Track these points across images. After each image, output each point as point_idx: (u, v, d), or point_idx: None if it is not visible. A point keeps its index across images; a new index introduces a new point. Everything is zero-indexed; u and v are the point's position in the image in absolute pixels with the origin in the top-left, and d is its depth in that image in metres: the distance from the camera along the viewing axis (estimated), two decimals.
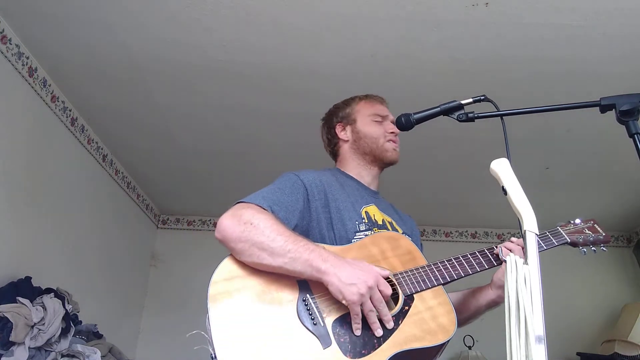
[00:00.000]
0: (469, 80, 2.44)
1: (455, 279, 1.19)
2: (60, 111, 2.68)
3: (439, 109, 1.19)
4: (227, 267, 1.07)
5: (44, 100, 2.54)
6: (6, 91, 2.26)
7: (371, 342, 1.01)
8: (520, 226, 0.86)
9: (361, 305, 1.01)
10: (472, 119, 1.15)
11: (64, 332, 2.18)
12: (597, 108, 1.04)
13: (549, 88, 2.47)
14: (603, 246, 1.39)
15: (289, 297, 1.04)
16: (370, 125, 1.50)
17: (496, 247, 1.27)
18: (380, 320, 1.03)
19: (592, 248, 1.37)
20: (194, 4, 2.06)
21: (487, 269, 1.25)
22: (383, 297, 1.03)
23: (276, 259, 1.04)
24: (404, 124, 1.23)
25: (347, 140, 1.52)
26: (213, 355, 0.94)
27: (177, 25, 2.18)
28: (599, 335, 3.84)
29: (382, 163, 1.50)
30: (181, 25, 2.18)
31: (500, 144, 1.05)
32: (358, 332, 1.01)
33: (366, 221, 1.31)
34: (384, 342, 1.01)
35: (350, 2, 2.04)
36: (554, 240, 1.31)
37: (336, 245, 1.22)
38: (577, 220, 1.40)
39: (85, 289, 2.84)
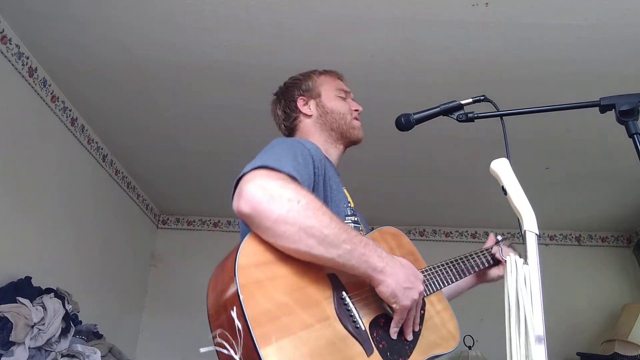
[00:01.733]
0: (469, 80, 2.43)
1: (454, 281, 1.22)
2: (60, 111, 2.69)
3: (438, 109, 1.19)
4: (253, 249, 0.85)
5: (44, 100, 2.54)
6: (6, 91, 2.26)
7: (404, 349, 0.97)
8: (520, 226, 0.86)
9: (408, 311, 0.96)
10: (472, 119, 1.15)
11: (64, 332, 2.18)
12: (597, 108, 1.04)
13: (549, 88, 2.47)
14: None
15: (324, 294, 0.90)
16: (336, 100, 1.41)
17: (490, 250, 1.33)
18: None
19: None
20: (194, 5, 2.06)
21: (481, 269, 1.33)
22: None
23: (329, 250, 0.86)
24: (404, 124, 1.23)
25: (311, 115, 1.40)
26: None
27: (176, 25, 2.18)
28: (599, 335, 3.84)
29: (348, 141, 1.40)
30: (181, 26, 2.18)
31: (500, 144, 1.05)
32: (395, 336, 0.96)
33: (349, 205, 1.24)
34: (413, 348, 0.99)
35: (350, 3, 2.04)
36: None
37: None
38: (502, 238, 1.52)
39: (85, 289, 2.84)
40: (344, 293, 0.92)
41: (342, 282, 0.93)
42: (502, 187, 0.92)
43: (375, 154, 3.22)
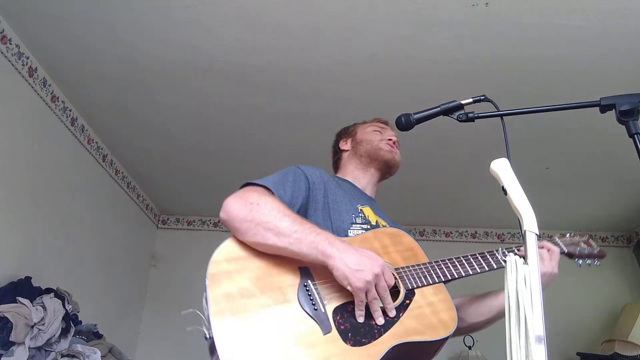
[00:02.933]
0: (469, 80, 2.44)
1: (456, 278, 1.20)
2: (60, 111, 2.69)
3: (439, 109, 1.19)
4: (228, 248, 1.05)
5: (44, 100, 2.54)
6: (6, 91, 2.26)
7: (372, 332, 1.00)
8: (520, 226, 0.86)
9: (366, 292, 1.00)
10: (472, 119, 1.15)
11: (64, 332, 2.18)
12: (597, 108, 1.04)
13: (549, 88, 2.47)
14: (597, 261, 1.42)
15: (290, 282, 1.02)
16: (368, 133, 1.58)
17: (499, 251, 1.27)
18: (382, 310, 1.03)
19: (587, 261, 1.41)
20: (194, 5, 2.06)
21: (487, 270, 1.24)
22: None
23: (282, 239, 1.02)
24: (404, 124, 1.23)
25: (347, 150, 1.60)
26: (207, 336, 0.92)
27: (177, 25, 2.18)
28: (599, 335, 3.84)
29: (377, 164, 1.52)
30: (181, 25, 2.18)
31: (500, 144, 1.05)
32: (361, 319, 1.00)
33: (362, 216, 1.33)
34: (384, 332, 1.00)
35: (350, 2, 2.04)
36: (563, 248, 1.37)
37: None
38: (572, 233, 1.46)
39: (85, 289, 2.84)
40: (309, 281, 1.04)
41: (311, 273, 1.06)
42: (502, 187, 0.91)
43: None
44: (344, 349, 0.95)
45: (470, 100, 1.18)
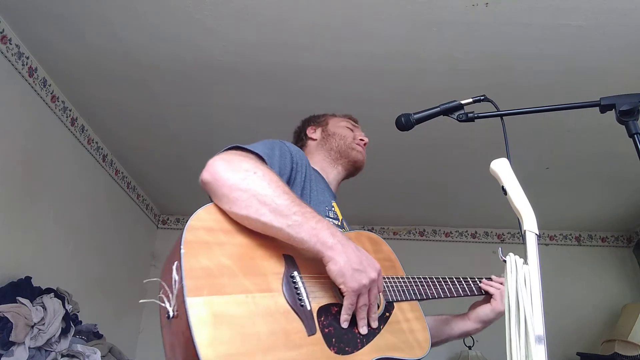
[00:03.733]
0: (469, 80, 2.44)
1: (431, 298, 1.19)
2: (60, 111, 2.69)
3: (438, 109, 1.19)
4: (210, 215, 0.91)
5: (44, 100, 2.54)
6: (6, 91, 2.26)
7: (354, 341, 0.93)
8: (520, 226, 0.86)
9: (357, 296, 0.92)
10: (472, 119, 1.15)
11: (64, 332, 2.18)
12: (597, 108, 1.04)
13: (549, 88, 2.47)
14: None
15: (274, 269, 0.90)
16: (342, 128, 1.54)
17: (479, 280, 1.31)
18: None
19: None
20: (194, 4, 2.06)
21: (462, 296, 1.27)
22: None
23: (278, 218, 0.88)
24: (404, 124, 1.23)
25: (315, 139, 1.54)
26: (171, 314, 0.77)
27: (177, 24, 2.18)
28: (599, 335, 3.84)
29: (346, 162, 1.49)
30: (181, 25, 2.18)
31: (500, 144, 1.05)
32: (345, 325, 0.92)
33: (333, 211, 1.28)
34: (366, 343, 0.95)
35: (350, 2, 2.04)
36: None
37: None
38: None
39: (85, 288, 2.84)
40: (295, 273, 0.92)
41: (297, 263, 0.94)
42: (502, 187, 0.91)
43: (375, 154, 3.22)
44: (328, 355, 0.87)
45: (470, 100, 1.18)
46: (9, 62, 2.25)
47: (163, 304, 0.78)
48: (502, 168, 0.93)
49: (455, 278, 1.28)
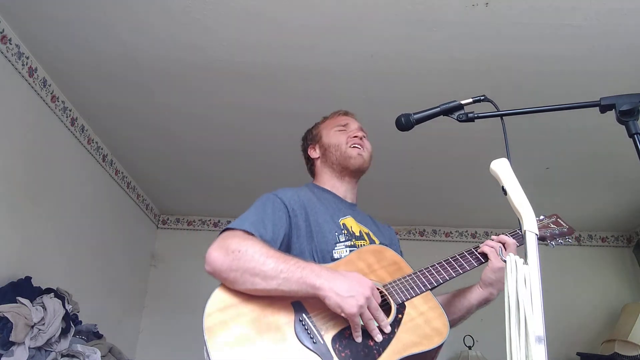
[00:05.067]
0: (469, 80, 2.43)
1: (441, 283, 1.23)
2: (60, 111, 2.68)
3: (439, 109, 1.19)
4: (219, 297, 1.06)
5: (44, 100, 2.54)
6: (6, 91, 2.26)
7: (371, 353, 1.02)
8: (520, 226, 0.86)
9: (360, 315, 1.02)
10: (472, 119, 1.15)
11: (64, 332, 2.18)
12: (597, 108, 1.04)
13: (549, 88, 2.47)
14: (569, 238, 1.44)
15: (285, 320, 1.04)
16: (333, 135, 1.54)
17: (479, 247, 1.31)
18: (379, 327, 1.06)
19: (560, 241, 1.42)
20: (194, 4, 2.06)
21: (469, 270, 1.28)
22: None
23: (269, 282, 1.04)
24: (404, 124, 1.23)
25: (318, 157, 1.56)
26: None
27: (177, 24, 2.18)
28: (599, 335, 3.84)
29: (349, 171, 1.50)
30: (181, 25, 2.18)
31: (500, 144, 1.05)
32: (359, 339, 1.03)
33: (345, 232, 1.33)
34: (383, 350, 1.03)
35: (350, 2, 2.04)
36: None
37: (317, 257, 1.25)
38: (541, 217, 1.46)
39: (85, 289, 2.83)
40: (303, 315, 1.06)
41: (304, 306, 1.07)
42: (502, 187, 0.91)
43: (375, 154, 3.22)
44: None
45: (470, 100, 1.18)
46: (9, 62, 2.25)
47: None
48: (502, 168, 0.93)
49: (458, 254, 1.30)
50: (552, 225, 1.46)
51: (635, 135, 0.96)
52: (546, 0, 1.99)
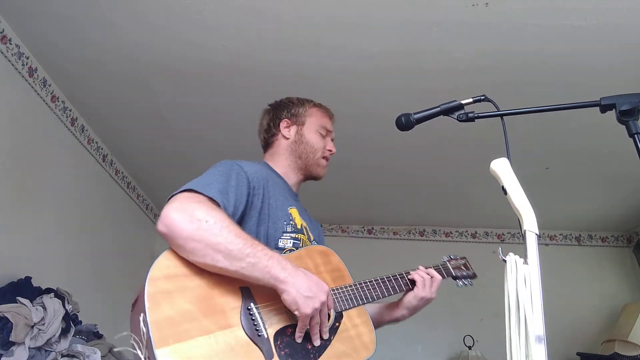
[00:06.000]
0: (469, 80, 2.43)
1: (377, 299, 1.29)
2: (60, 111, 2.68)
3: (439, 109, 1.18)
4: (166, 263, 0.98)
5: (44, 100, 2.54)
6: (6, 91, 2.26)
7: (308, 356, 1.04)
8: (520, 226, 0.86)
9: (310, 318, 1.03)
10: (472, 119, 1.15)
11: (64, 332, 2.18)
12: (597, 108, 1.04)
13: (549, 88, 2.47)
14: (471, 281, 1.58)
15: (232, 305, 1.00)
16: (315, 134, 1.49)
17: (409, 273, 1.40)
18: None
19: (465, 282, 1.55)
20: (194, 4, 2.06)
21: (398, 292, 1.37)
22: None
23: (233, 263, 0.98)
24: (404, 124, 1.23)
25: (288, 139, 1.49)
26: None
27: (178, 23, 2.18)
28: (599, 335, 3.84)
29: (308, 173, 1.49)
30: (182, 24, 2.18)
31: (501, 143, 1.05)
32: (299, 340, 1.04)
33: (293, 224, 1.33)
34: (319, 356, 1.06)
35: (350, 2, 2.04)
36: (444, 273, 1.49)
37: (262, 241, 1.19)
38: (452, 256, 1.60)
39: (85, 289, 2.83)
40: (252, 304, 1.02)
41: (252, 294, 1.04)
42: (502, 187, 0.91)
43: (375, 154, 3.22)
44: None
45: (471, 100, 1.17)
46: (9, 62, 2.25)
47: (135, 351, 0.88)
48: (502, 168, 0.93)
49: (392, 275, 1.36)
50: (462, 268, 1.57)
51: (636, 135, 0.96)
52: (546, 0, 1.99)
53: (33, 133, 2.47)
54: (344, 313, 1.18)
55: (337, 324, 1.14)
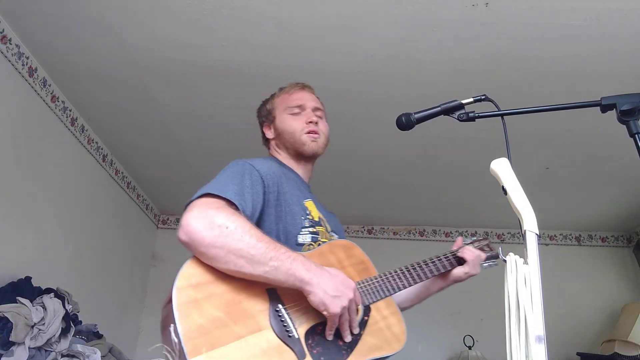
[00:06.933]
0: (469, 80, 2.43)
1: (406, 288, 1.27)
2: (60, 111, 2.68)
3: (439, 108, 1.18)
4: (191, 271, 0.98)
5: (44, 100, 2.54)
6: (6, 91, 2.26)
7: (340, 353, 1.04)
8: (520, 226, 0.86)
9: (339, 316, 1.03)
10: (472, 119, 1.14)
11: (64, 332, 2.18)
12: (598, 108, 1.04)
13: (549, 88, 2.47)
14: (495, 261, 1.52)
15: (260, 307, 1.00)
16: (287, 120, 1.45)
17: (456, 252, 1.39)
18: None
19: (490, 263, 1.49)
20: (194, 4, 2.06)
21: (436, 274, 1.35)
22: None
23: (256, 267, 0.97)
24: (405, 123, 1.22)
25: (273, 138, 1.51)
26: None
27: (177, 25, 2.18)
28: (599, 335, 3.84)
29: (304, 157, 1.45)
30: (181, 25, 2.18)
31: (501, 143, 1.05)
32: (330, 337, 1.03)
33: (310, 217, 1.31)
34: (350, 351, 1.05)
35: (350, 2, 2.04)
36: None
37: (282, 239, 1.20)
38: (474, 237, 1.54)
39: (85, 289, 2.84)
40: (279, 305, 1.02)
41: (279, 295, 1.03)
42: (502, 187, 0.91)
43: (375, 154, 3.22)
44: None
45: (471, 99, 1.17)
46: (9, 62, 2.25)
47: None
48: (502, 168, 0.93)
49: (429, 259, 1.35)
50: (486, 248, 1.52)
51: (636, 135, 0.96)
52: (546, 0, 1.99)
53: (33, 133, 2.47)
54: (371, 306, 1.17)
55: (365, 317, 1.13)
